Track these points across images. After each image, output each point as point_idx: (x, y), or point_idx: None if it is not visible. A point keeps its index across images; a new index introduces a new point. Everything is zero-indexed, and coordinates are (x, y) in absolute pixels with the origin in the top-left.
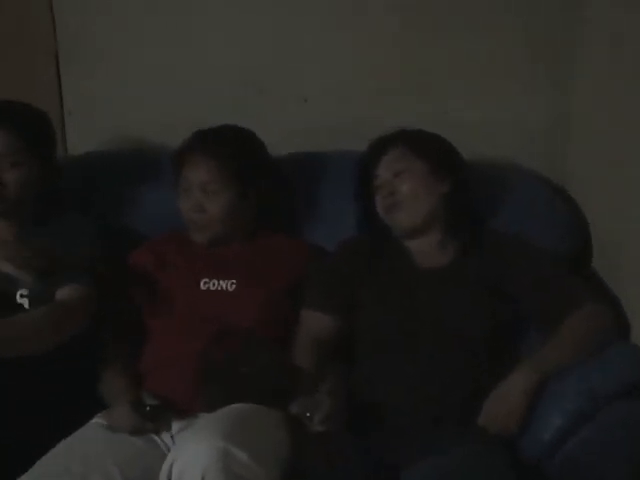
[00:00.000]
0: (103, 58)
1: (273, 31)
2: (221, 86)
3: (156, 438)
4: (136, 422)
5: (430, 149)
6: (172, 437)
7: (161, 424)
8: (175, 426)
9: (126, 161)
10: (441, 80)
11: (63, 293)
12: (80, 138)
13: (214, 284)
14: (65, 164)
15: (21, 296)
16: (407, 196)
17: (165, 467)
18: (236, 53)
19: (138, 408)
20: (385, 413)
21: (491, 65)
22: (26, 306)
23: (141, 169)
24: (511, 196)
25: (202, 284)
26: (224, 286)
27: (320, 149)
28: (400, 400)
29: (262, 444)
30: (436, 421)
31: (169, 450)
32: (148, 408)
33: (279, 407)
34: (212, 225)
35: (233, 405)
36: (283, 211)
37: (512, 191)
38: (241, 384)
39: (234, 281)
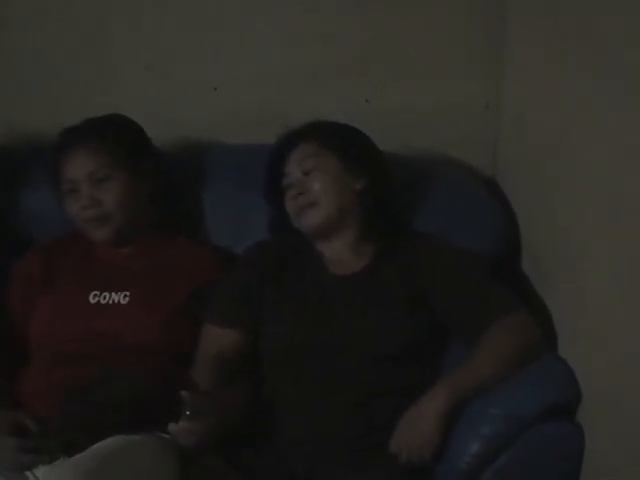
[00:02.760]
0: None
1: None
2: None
3: (28, 474)
4: (21, 459)
5: (343, 143)
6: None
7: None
8: (41, 468)
9: (20, 154)
10: (363, 63)
11: None
12: None
13: (105, 297)
14: None
15: None
16: (318, 195)
17: None
18: (139, 36)
19: (23, 444)
20: (284, 441)
21: (417, 46)
22: None
23: (35, 164)
24: (435, 190)
25: (92, 297)
26: (116, 299)
27: (229, 141)
28: (298, 426)
29: None
30: (340, 450)
31: None
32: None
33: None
34: (112, 216)
35: (106, 440)
36: (186, 209)
37: (436, 185)
38: (109, 414)
39: (127, 293)
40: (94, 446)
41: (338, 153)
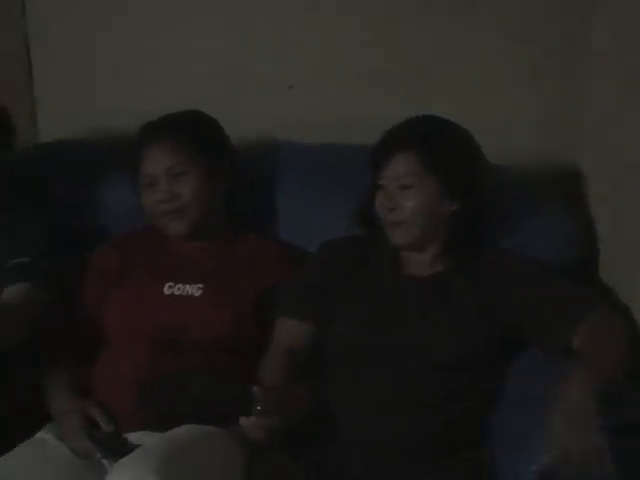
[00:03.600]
0: (73, 43)
1: (255, 16)
2: (202, 73)
3: (104, 462)
4: (87, 448)
5: (447, 160)
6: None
7: (112, 454)
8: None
9: (94, 150)
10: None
11: (10, 292)
12: (51, 124)
13: (179, 288)
14: (31, 152)
15: None
16: (409, 215)
17: None
18: (219, 39)
19: (92, 434)
20: (345, 441)
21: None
22: None
23: (112, 159)
24: (510, 200)
25: (166, 288)
26: (190, 291)
27: (302, 140)
28: (360, 426)
29: (205, 477)
30: (400, 453)
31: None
32: (103, 436)
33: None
34: (188, 210)
35: (180, 428)
36: (258, 208)
37: (511, 195)
38: (187, 404)
39: (201, 286)
40: (167, 433)
41: (438, 176)
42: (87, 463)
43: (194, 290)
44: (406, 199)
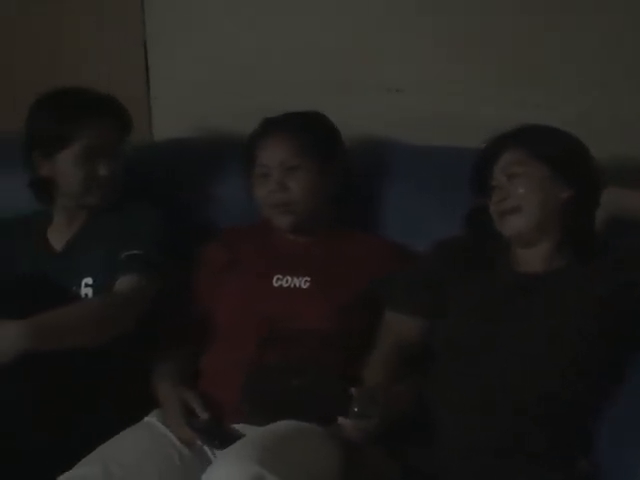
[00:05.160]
0: (190, 43)
1: (355, 15)
2: (307, 75)
3: (206, 449)
4: (187, 435)
5: (553, 150)
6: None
7: (212, 441)
8: None
9: (208, 149)
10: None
11: (123, 283)
12: (166, 124)
13: (287, 281)
14: (146, 150)
15: (86, 285)
16: (521, 201)
17: None
18: (329, 40)
19: (191, 422)
20: (442, 434)
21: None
22: (90, 296)
23: (224, 158)
24: None
25: (275, 280)
26: (297, 283)
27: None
28: (455, 426)
29: (304, 474)
30: (500, 452)
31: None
32: (202, 423)
33: (329, 425)
34: (296, 204)
35: (280, 423)
36: (365, 207)
37: None
38: (289, 398)
39: (308, 278)
40: (267, 427)
41: (545, 161)
42: (192, 450)
43: (302, 283)
44: (516, 187)
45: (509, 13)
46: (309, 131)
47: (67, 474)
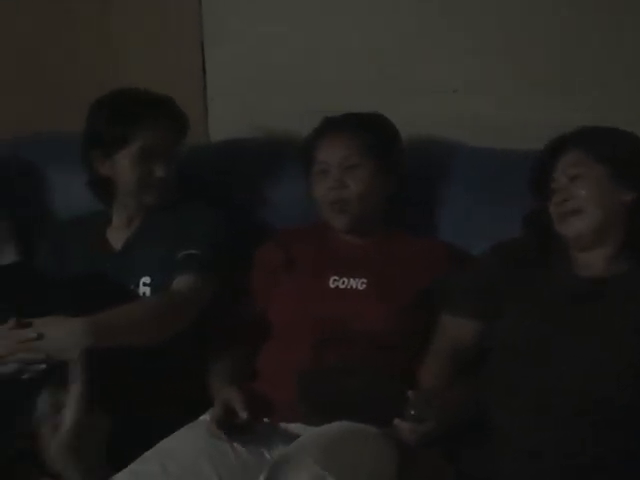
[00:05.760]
0: (247, 44)
1: (411, 15)
2: (365, 75)
3: (263, 450)
4: (214, 432)
5: (613, 151)
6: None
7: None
8: (276, 438)
9: (264, 150)
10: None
11: (179, 282)
12: (222, 125)
13: (343, 282)
14: (203, 151)
15: (144, 284)
16: (583, 202)
17: None
18: (380, 40)
19: (219, 422)
20: (498, 435)
21: None
22: (148, 295)
23: (281, 158)
24: None
25: (331, 282)
26: (354, 285)
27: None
28: (512, 430)
29: (363, 475)
30: (558, 456)
31: None
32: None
33: (384, 427)
34: (353, 203)
35: (336, 424)
36: (422, 208)
37: None
38: (345, 400)
39: (365, 280)
40: (323, 427)
41: (605, 162)
42: (249, 449)
43: (358, 284)
44: (577, 188)
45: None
46: (370, 131)
47: (125, 471)
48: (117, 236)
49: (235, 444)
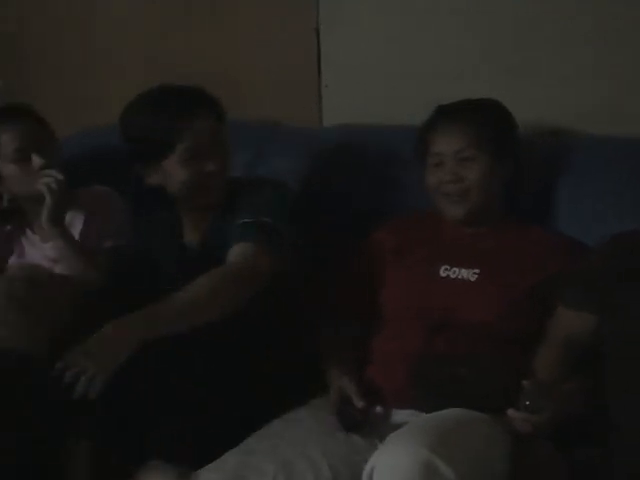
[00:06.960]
0: (362, 31)
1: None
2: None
3: (374, 436)
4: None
5: None
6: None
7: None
8: (387, 425)
9: (376, 136)
10: None
11: (235, 250)
12: (335, 111)
13: (454, 272)
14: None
15: None
16: None
17: (366, 470)
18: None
19: (339, 410)
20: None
21: None
22: None
23: (392, 145)
24: None
25: (442, 271)
26: (465, 275)
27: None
28: (634, 422)
29: (473, 461)
30: None
31: None
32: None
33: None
34: (470, 194)
35: (448, 410)
36: (536, 197)
37: None
38: (458, 386)
39: (477, 271)
40: (435, 413)
41: None
42: (360, 434)
43: (469, 275)
44: None
45: None
46: (485, 120)
47: (237, 448)
48: (192, 235)
49: None
